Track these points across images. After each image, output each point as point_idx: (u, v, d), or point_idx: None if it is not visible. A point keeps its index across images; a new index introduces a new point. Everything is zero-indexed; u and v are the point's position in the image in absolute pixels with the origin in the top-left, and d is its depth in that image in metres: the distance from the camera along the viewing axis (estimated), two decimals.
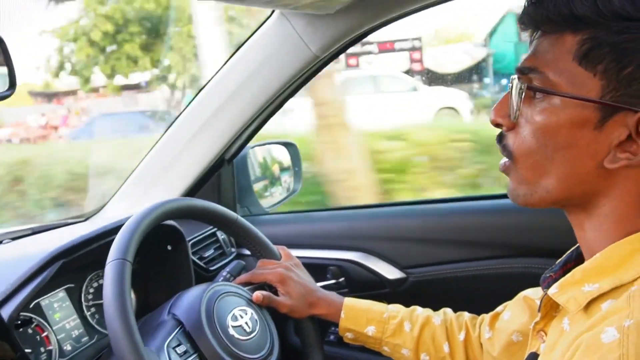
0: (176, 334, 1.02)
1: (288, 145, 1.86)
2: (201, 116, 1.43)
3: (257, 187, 1.76)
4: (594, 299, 0.69)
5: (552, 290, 0.74)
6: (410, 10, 1.20)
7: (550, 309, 0.78)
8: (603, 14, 0.66)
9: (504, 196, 1.50)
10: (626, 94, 0.66)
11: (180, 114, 1.47)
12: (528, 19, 0.73)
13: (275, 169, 1.88)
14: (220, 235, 1.57)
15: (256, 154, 1.80)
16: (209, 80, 1.40)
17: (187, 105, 1.46)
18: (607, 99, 0.67)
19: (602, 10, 0.66)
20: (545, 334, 0.79)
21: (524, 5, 0.73)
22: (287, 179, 1.87)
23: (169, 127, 1.50)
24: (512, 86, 0.75)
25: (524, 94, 0.73)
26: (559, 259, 0.86)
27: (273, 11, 1.26)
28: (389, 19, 1.23)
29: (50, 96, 13.77)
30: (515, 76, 0.75)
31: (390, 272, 1.48)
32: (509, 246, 1.42)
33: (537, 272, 1.35)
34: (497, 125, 0.78)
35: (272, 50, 1.31)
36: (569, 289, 0.72)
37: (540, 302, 0.79)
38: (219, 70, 1.38)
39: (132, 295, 1.29)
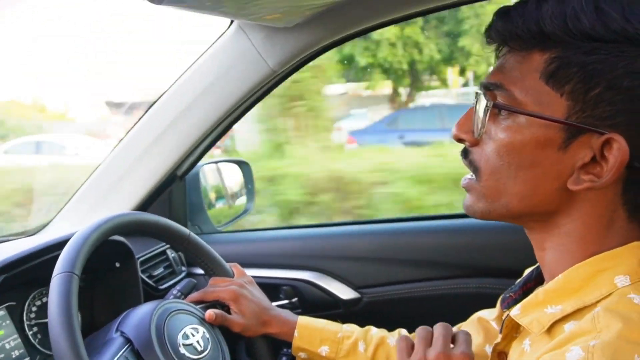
0: (124, 352, 0.97)
1: (241, 164, 1.83)
2: (153, 130, 1.39)
3: (208, 205, 1.72)
4: (556, 320, 0.68)
5: (514, 312, 0.73)
6: (369, 27, 1.21)
7: (511, 330, 0.77)
8: (572, 33, 0.65)
9: (459, 216, 1.53)
10: (592, 115, 0.66)
11: (132, 127, 1.43)
12: (496, 34, 0.72)
13: (228, 187, 1.85)
14: (171, 253, 1.52)
15: (209, 171, 1.76)
16: (163, 93, 1.37)
17: (139, 119, 1.42)
18: (573, 119, 0.67)
19: (572, 29, 0.65)
20: (506, 355, 0.79)
21: (492, 20, 0.73)
22: (239, 198, 1.84)
23: (119, 141, 1.45)
24: (476, 102, 0.74)
25: (489, 111, 0.72)
26: (519, 279, 0.86)
27: (231, 23, 1.25)
28: (348, 35, 1.23)
29: None
30: (480, 92, 0.74)
31: (344, 292, 1.47)
32: (463, 266, 1.42)
33: (491, 292, 1.38)
34: (459, 140, 0.77)
35: (229, 64, 1.29)
36: (532, 311, 0.71)
37: (503, 323, 0.78)
38: (174, 83, 1.35)
39: (78, 314, 1.23)
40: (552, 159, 0.69)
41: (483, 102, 0.73)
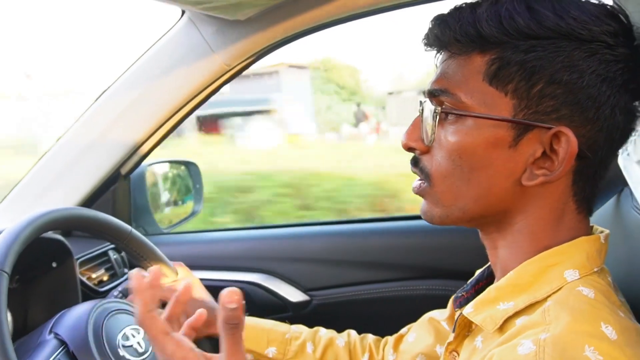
0: (58, 354, 0.91)
1: (189, 165, 1.79)
2: (97, 125, 1.34)
3: (154, 206, 1.67)
4: (509, 316, 0.68)
5: (467, 310, 0.73)
6: (322, 24, 1.19)
7: (463, 329, 0.77)
8: (509, 33, 0.66)
9: (409, 217, 1.52)
10: (537, 111, 0.67)
11: (75, 121, 1.37)
12: (434, 40, 0.73)
13: (175, 188, 1.79)
14: (113, 255, 1.46)
15: (155, 171, 1.71)
16: (109, 86, 1.32)
17: (83, 112, 1.36)
18: (520, 117, 0.67)
19: (508, 29, 0.66)
20: (458, 354, 0.78)
21: (429, 26, 0.73)
22: (186, 199, 1.79)
23: (61, 136, 1.38)
24: (422, 109, 0.74)
25: (437, 116, 0.72)
26: (470, 279, 0.86)
27: (183, 14, 1.21)
28: (301, 31, 1.20)
29: None
30: (426, 99, 0.74)
31: (293, 295, 1.44)
32: (413, 268, 1.42)
33: (440, 293, 1.38)
34: (409, 149, 0.77)
35: (178, 58, 1.25)
36: (485, 308, 0.71)
37: (455, 322, 0.77)
38: (121, 75, 1.30)
39: (9, 317, 1.16)
40: (503, 157, 0.69)
41: (430, 108, 0.73)
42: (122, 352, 0.96)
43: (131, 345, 0.98)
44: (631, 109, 0.69)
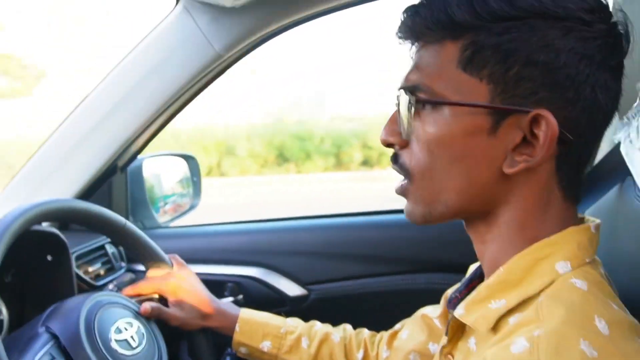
0: (49, 348, 0.90)
1: (187, 158, 1.77)
2: (93, 116, 1.32)
3: (152, 200, 1.65)
4: (502, 315, 0.66)
5: (458, 312, 0.70)
6: (322, 10, 1.17)
7: (457, 331, 0.75)
8: (481, 16, 0.64)
9: None
10: (515, 95, 0.65)
11: (70, 113, 1.35)
12: (406, 31, 0.71)
13: (173, 182, 1.78)
14: (110, 248, 1.44)
15: (152, 165, 1.69)
16: (104, 77, 1.30)
17: (79, 104, 1.34)
18: (497, 102, 0.65)
19: (480, 13, 0.64)
20: (453, 357, 0.76)
21: (401, 18, 0.71)
22: (185, 193, 1.77)
23: (57, 128, 1.37)
24: (398, 103, 0.72)
25: (413, 108, 0.70)
26: (464, 278, 0.83)
27: (177, 3, 1.19)
28: (299, 18, 1.18)
29: None
30: (401, 92, 0.72)
31: (291, 289, 1.43)
32: (412, 261, 1.40)
33: (440, 287, 1.34)
34: (388, 145, 0.75)
35: (173, 47, 1.23)
36: (476, 308, 0.69)
37: (448, 325, 0.75)
38: (115, 67, 1.28)
39: (4, 311, 1.15)
40: (483, 146, 0.67)
41: (405, 100, 0.71)
42: (114, 345, 0.94)
43: (124, 339, 0.97)
44: (612, 87, 0.67)
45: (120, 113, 1.31)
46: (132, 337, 0.98)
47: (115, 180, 1.48)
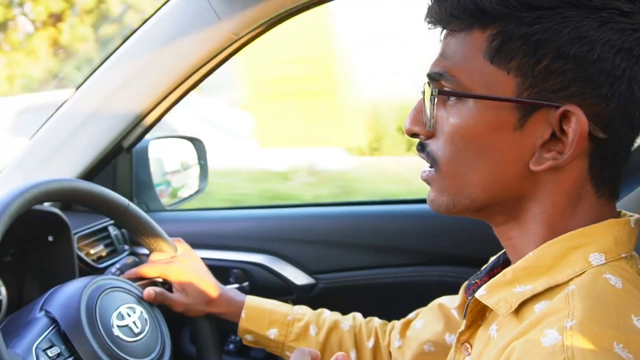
0: (48, 334, 0.87)
1: (194, 141, 1.73)
2: (99, 94, 1.28)
3: (157, 182, 1.62)
4: (526, 300, 0.63)
5: (480, 292, 0.68)
6: None
7: (476, 317, 0.72)
8: (511, 4, 0.61)
9: (421, 201, 1.46)
10: (544, 89, 0.62)
11: (76, 90, 1.31)
12: (433, 18, 0.68)
13: (179, 165, 1.74)
14: (113, 230, 1.41)
15: (158, 147, 1.65)
16: (111, 53, 1.26)
17: (84, 81, 1.30)
18: (525, 96, 0.63)
19: (510, 1, 0.61)
20: (471, 346, 0.73)
21: (428, 3, 0.68)
22: (191, 176, 1.73)
23: (61, 105, 1.33)
24: (423, 92, 0.70)
25: (436, 99, 0.68)
26: (484, 265, 0.81)
27: None
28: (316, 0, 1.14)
29: None
30: (426, 81, 0.70)
31: (299, 278, 1.39)
32: (424, 253, 1.36)
33: (453, 280, 1.32)
34: (413, 135, 0.72)
35: (183, 26, 1.18)
36: (499, 290, 0.66)
37: (466, 309, 0.72)
38: (122, 43, 1.24)
39: (3, 291, 1.12)
40: (508, 140, 0.64)
41: (429, 92, 0.68)
42: (116, 331, 0.91)
43: (126, 325, 0.94)
44: None
45: (127, 91, 1.27)
46: (134, 323, 0.95)
47: (120, 161, 1.45)
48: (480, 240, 1.01)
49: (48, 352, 0.85)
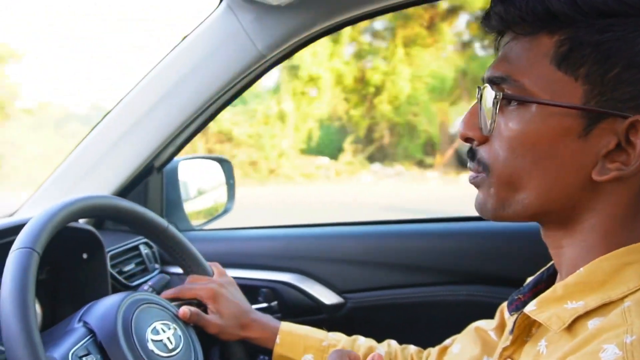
0: (85, 342, 0.88)
1: (222, 162, 1.75)
2: (132, 115, 1.30)
3: (186, 202, 1.64)
4: (579, 316, 0.62)
5: (529, 308, 0.66)
6: (371, 11, 1.13)
7: (522, 332, 0.70)
8: (583, 10, 0.60)
9: (450, 219, 1.46)
10: (612, 98, 0.60)
11: (109, 112, 1.34)
12: (496, 20, 0.67)
13: (207, 185, 1.76)
14: (144, 249, 1.43)
15: (187, 167, 1.68)
16: (145, 75, 1.29)
17: (118, 103, 1.33)
18: (592, 104, 0.61)
19: (582, 6, 0.60)
20: None
21: (490, 5, 0.67)
22: (219, 197, 1.75)
23: (95, 125, 1.36)
24: (481, 96, 0.69)
25: (498, 104, 0.66)
26: (527, 280, 0.79)
27: (221, 2, 1.17)
28: (346, 19, 1.15)
29: None
30: (485, 85, 0.68)
31: (328, 297, 1.39)
32: (453, 272, 1.36)
33: (482, 300, 1.31)
34: (467, 139, 0.71)
35: (215, 46, 1.21)
36: (550, 306, 0.65)
37: (513, 325, 0.71)
38: (157, 64, 1.27)
39: (37, 309, 1.14)
40: (572, 148, 0.63)
41: (490, 95, 0.66)
42: (150, 346, 0.92)
43: (161, 340, 0.94)
44: None
45: (159, 112, 1.30)
46: (169, 338, 0.95)
47: (152, 180, 1.47)
48: (509, 261, 1.01)
49: (84, 359, 0.86)
